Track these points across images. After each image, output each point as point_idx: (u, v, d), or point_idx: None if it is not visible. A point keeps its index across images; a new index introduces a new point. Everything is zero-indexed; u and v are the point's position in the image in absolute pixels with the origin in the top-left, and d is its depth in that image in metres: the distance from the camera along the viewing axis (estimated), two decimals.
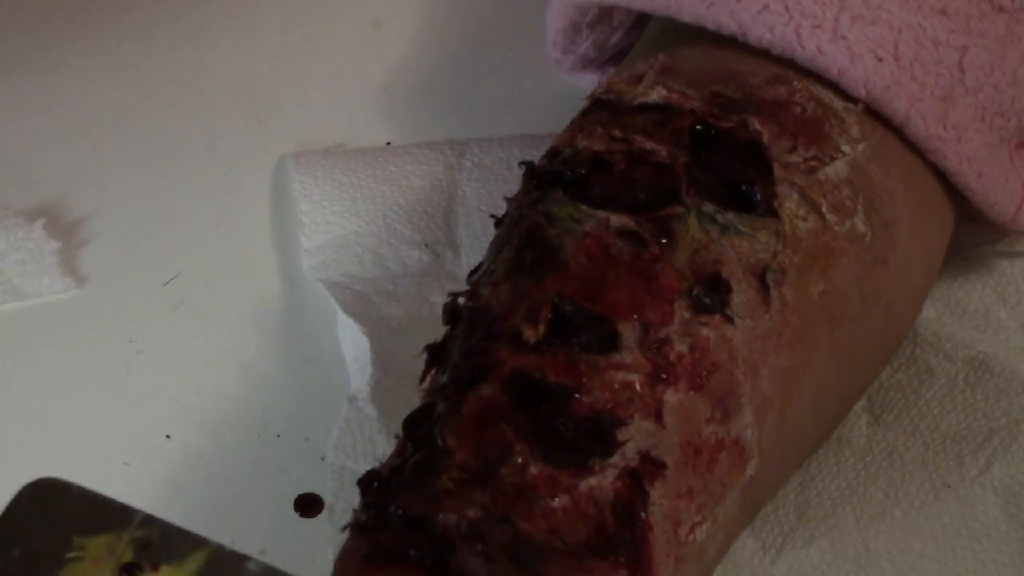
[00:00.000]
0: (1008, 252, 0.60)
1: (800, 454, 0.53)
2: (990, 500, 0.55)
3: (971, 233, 0.57)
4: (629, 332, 0.46)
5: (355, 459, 0.55)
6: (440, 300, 0.60)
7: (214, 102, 0.70)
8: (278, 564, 0.54)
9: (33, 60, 0.71)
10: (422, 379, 0.49)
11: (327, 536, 0.54)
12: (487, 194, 0.65)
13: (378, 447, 0.55)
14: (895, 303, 0.53)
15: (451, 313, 0.50)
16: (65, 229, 0.64)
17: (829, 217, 0.50)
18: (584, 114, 0.52)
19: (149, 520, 0.43)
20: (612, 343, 0.46)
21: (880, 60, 0.51)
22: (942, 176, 0.53)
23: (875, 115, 0.52)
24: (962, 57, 0.51)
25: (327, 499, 0.55)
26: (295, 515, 0.56)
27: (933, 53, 0.51)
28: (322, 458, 0.56)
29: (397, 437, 0.47)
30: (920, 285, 0.55)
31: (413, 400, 0.55)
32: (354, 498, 0.54)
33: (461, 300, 0.49)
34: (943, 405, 0.57)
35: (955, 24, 0.51)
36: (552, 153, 0.51)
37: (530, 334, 0.46)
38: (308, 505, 0.56)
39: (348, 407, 0.57)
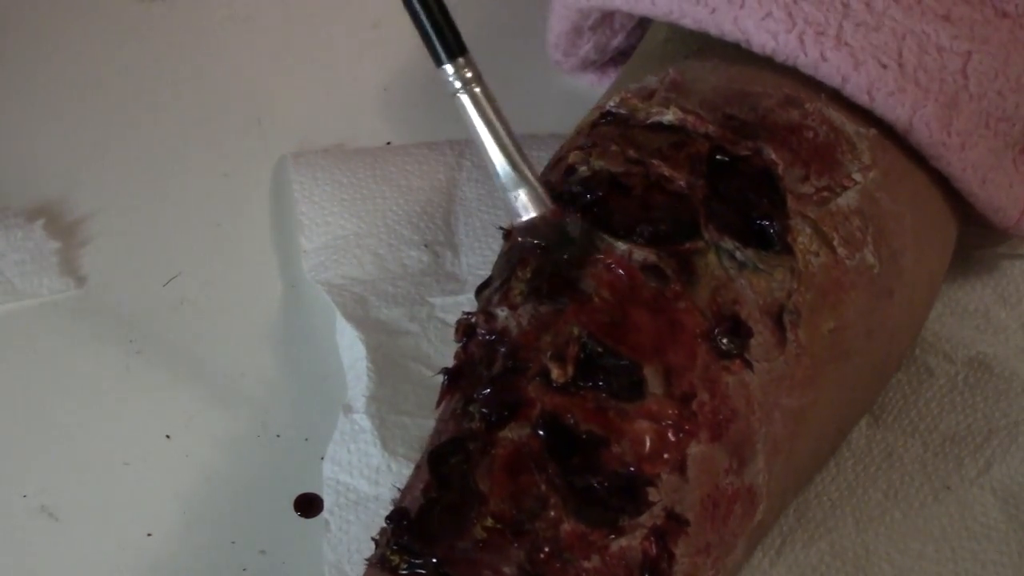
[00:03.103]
0: (1010, 254, 0.60)
1: (798, 488, 0.53)
2: (989, 501, 0.55)
3: (973, 235, 0.57)
4: (653, 377, 0.46)
5: (350, 472, 0.55)
6: (439, 301, 0.60)
7: (214, 102, 0.69)
8: (278, 564, 0.54)
9: (33, 60, 0.71)
10: (438, 403, 0.49)
11: (324, 555, 0.54)
12: (487, 194, 0.65)
13: (372, 460, 0.55)
14: (898, 332, 0.53)
15: (465, 332, 0.49)
16: (65, 229, 0.64)
17: (840, 251, 0.50)
18: (594, 126, 0.52)
19: None
20: (638, 389, 0.45)
21: (884, 67, 0.51)
22: (946, 184, 0.53)
23: (885, 138, 0.52)
24: (966, 63, 0.51)
25: (324, 514, 0.55)
26: (295, 515, 0.56)
27: (937, 59, 0.51)
28: (321, 458, 0.56)
29: (418, 467, 0.47)
30: (922, 309, 0.56)
31: (409, 410, 0.56)
32: (350, 515, 0.54)
33: (474, 319, 0.49)
34: (943, 405, 0.57)
35: (959, 30, 0.51)
36: (567, 170, 0.50)
37: (559, 374, 0.45)
38: (308, 505, 0.56)
39: (343, 419, 0.57)
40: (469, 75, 0.48)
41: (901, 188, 0.52)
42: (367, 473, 0.55)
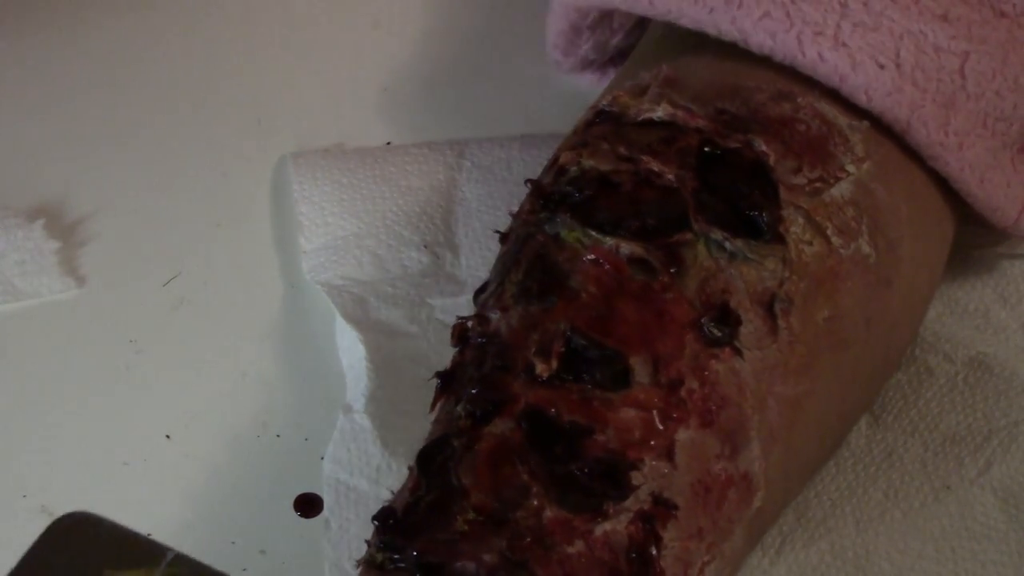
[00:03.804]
0: (1009, 254, 0.60)
1: (803, 479, 0.53)
2: (989, 501, 0.55)
3: (972, 235, 0.57)
4: (640, 367, 0.46)
5: (350, 472, 0.55)
6: (439, 302, 0.60)
7: (214, 102, 0.69)
8: (278, 564, 0.54)
9: (33, 60, 0.71)
10: (432, 406, 0.49)
11: (324, 553, 0.54)
12: (487, 195, 0.65)
13: (373, 459, 0.55)
14: (898, 322, 0.53)
15: (460, 336, 0.49)
16: (65, 229, 0.64)
17: (834, 240, 0.50)
18: (588, 126, 0.52)
19: (180, 559, 0.42)
20: (624, 379, 0.46)
21: (881, 67, 0.51)
22: (943, 183, 0.53)
23: (879, 131, 0.52)
24: (963, 63, 0.51)
25: (324, 513, 0.55)
26: (295, 515, 0.56)
27: (934, 59, 0.51)
28: (322, 458, 0.56)
29: (409, 469, 0.47)
30: (922, 301, 0.55)
31: (408, 410, 0.55)
32: (350, 513, 0.54)
33: (470, 324, 0.49)
34: (943, 405, 0.57)
35: (956, 30, 0.51)
36: (558, 171, 0.51)
37: (543, 368, 0.46)
38: (308, 505, 0.56)
39: (343, 419, 0.57)
40: None
41: (897, 181, 0.52)
42: (367, 472, 0.55)
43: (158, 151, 0.68)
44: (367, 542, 0.46)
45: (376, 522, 0.46)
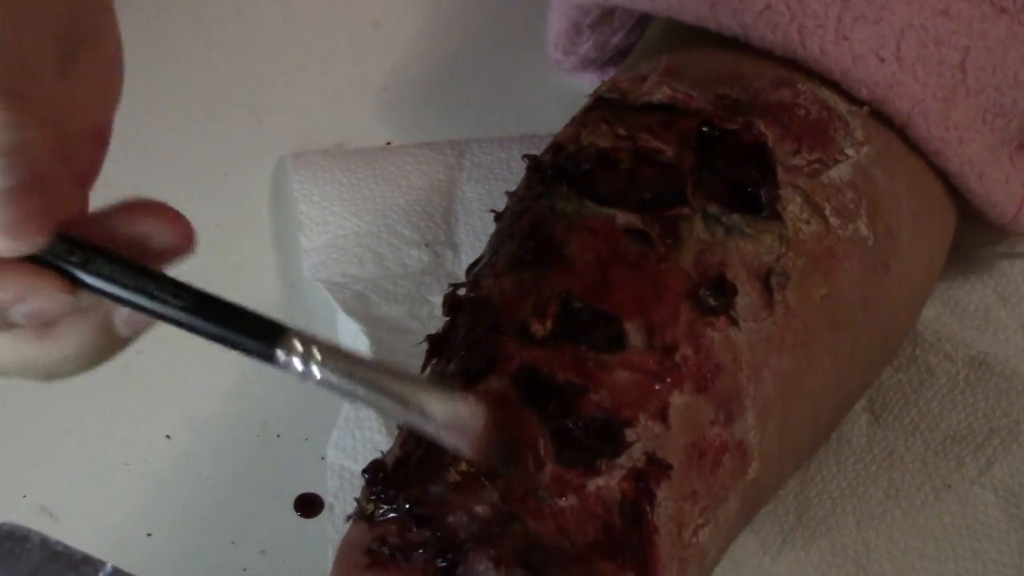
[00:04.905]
0: (1009, 253, 0.61)
1: (799, 456, 0.53)
2: (990, 500, 0.55)
3: (972, 234, 0.57)
4: (635, 332, 0.46)
5: (355, 459, 0.55)
6: (439, 299, 0.60)
7: (214, 102, 0.69)
8: (278, 564, 0.54)
9: None
10: (423, 368, 0.49)
11: (327, 536, 0.54)
12: (487, 194, 0.65)
13: (378, 446, 0.55)
14: (897, 307, 0.53)
15: (451, 304, 0.50)
16: None
17: (832, 220, 0.50)
18: (587, 111, 0.52)
19: (117, 574, 0.42)
20: (619, 342, 0.46)
21: (882, 61, 0.51)
22: (944, 177, 0.53)
23: (880, 117, 0.52)
24: (964, 58, 0.52)
25: (327, 499, 0.55)
26: (295, 515, 0.56)
27: (935, 54, 0.51)
28: (322, 458, 0.56)
29: (400, 428, 0.47)
30: (922, 289, 0.56)
31: None
32: (354, 498, 0.54)
33: (461, 292, 0.49)
34: (943, 405, 0.57)
35: (957, 25, 0.51)
36: (556, 148, 0.51)
37: (538, 328, 0.46)
38: (308, 505, 0.56)
39: (347, 407, 0.57)
40: (301, 348, 0.42)
41: (898, 170, 0.52)
42: (371, 459, 0.55)
43: (158, 151, 0.68)
44: (356, 499, 0.46)
45: (366, 475, 0.46)
